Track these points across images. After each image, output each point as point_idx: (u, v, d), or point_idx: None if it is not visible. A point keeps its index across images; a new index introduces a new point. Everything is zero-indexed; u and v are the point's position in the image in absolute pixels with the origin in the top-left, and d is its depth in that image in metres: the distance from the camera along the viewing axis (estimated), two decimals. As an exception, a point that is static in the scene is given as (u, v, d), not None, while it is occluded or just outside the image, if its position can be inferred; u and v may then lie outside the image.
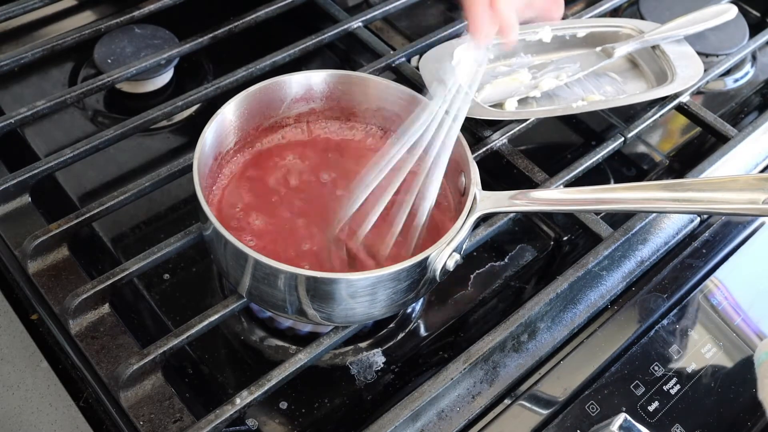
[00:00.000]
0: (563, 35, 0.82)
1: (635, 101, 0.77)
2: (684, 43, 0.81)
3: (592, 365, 0.61)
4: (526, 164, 0.72)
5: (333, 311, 0.55)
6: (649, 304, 0.65)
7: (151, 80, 0.82)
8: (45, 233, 0.61)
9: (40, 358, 0.58)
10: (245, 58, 0.78)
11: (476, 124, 0.73)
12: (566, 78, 0.79)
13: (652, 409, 0.60)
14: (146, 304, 0.67)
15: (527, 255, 0.74)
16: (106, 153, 0.71)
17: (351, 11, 0.87)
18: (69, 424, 0.55)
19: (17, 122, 0.70)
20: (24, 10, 0.83)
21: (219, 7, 0.87)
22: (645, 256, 0.67)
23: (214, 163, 0.61)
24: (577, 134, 0.87)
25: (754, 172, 0.76)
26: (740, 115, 0.90)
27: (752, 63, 0.95)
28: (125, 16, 0.82)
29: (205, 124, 0.59)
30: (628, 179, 0.82)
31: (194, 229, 0.62)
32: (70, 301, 0.57)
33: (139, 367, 0.54)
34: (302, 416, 0.62)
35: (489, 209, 0.58)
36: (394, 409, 0.55)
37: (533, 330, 0.62)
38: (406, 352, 0.66)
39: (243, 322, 0.66)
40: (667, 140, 0.88)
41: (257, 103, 0.63)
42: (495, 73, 0.79)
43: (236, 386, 0.61)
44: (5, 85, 0.82)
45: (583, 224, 0.67)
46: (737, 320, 0.66)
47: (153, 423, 0.54)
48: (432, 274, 0.55)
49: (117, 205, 0.64)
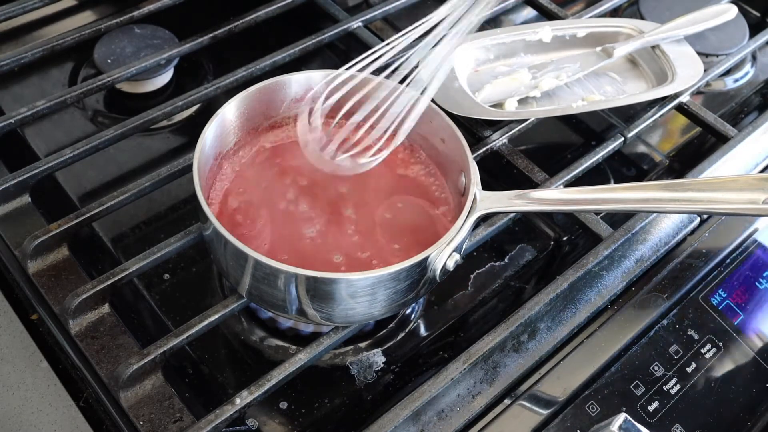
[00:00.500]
0: (563, 35, 0.82)
1: (635, 101, 0.77)
2: (684, 43, 0.81)
3: (592, 365, 0.61)
4: (526, 164, 0.72)
5: (333, 311, 0.55)
6: (649, 304, 0.65)
7: (151, 80, 0.82)
8: (45, 233, 0.61)
9: (40, 358, 0.58)
10: (245, 58, 0.78)
11: (476, 124, 0.73)
12: (566, 78, 0.79)
13: (652, 409, 0.60)
14: (146, 304, 0.67)
15: (527, 255, 0.74)
16: (106, 153, 0.71)
17: (351, 11, 0.87)
18: (69, 424, 0.55)
19: (17, 122, 0.70)
20: (24, 10, 0.83)
21: (219, 7, 0.87)
22: (645, 256, 0.67)
23: (215, 163, 0.61)
24: (577, 134, 0.87)
25: (754, 172, 0.76)
26: (740, 115, 0.90)
27: (752, 63, 0.95)
28: (125, 16, 0.82)
29: (205, 124, 0.59)
30: (628, 179, 0.82)
31: (194, 229, 0.62)
32: (70, 301, 0.57)
33: (139, 367, 0.54)
34: (302, 416, 0.62)
35: (489, 209, 0.58)
36: (394, 409, 0.55)
37: (533, 330, 0.62)
38: (406, 352, 0.66)
39: (243, 322, 0.66)
40: (667, 140, 0.88)
41: (258, 103, 0.63)
42: (495, 73, 0.79)
43: (236, 386, 0.61)
44: (5, 85, 0.82)
45: (583, 224, 0.67)
46: (737, 320, 0.66)
47: (153, 423, 0.54)
48: (432, 274, 0.55)
49: (117, 205, 0.64)
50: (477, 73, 0.79)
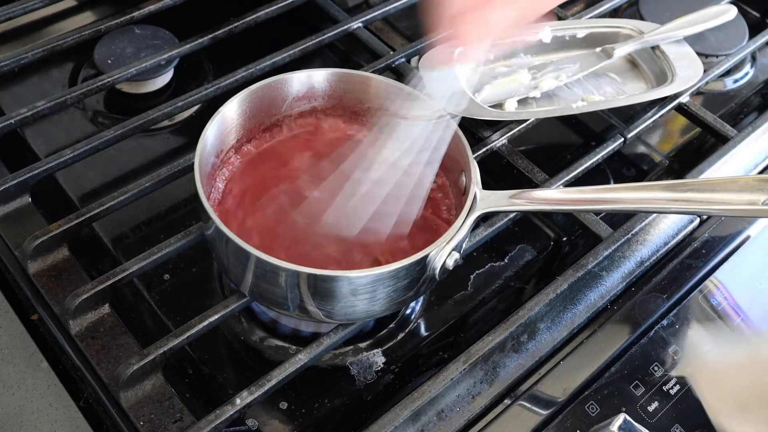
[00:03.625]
0: (563, 36, 0.82)
1: (635, 101, 0.77)
2: (684, 43, 0.82)
3: (592, 365, 0.61)
4: (526, 164, 0.72)
5: (333, 308, 0.55)
6: (648, 304, 0.65)
7: (151, 81, 0.82)
8: (45, 233, 0.61)
9: (40, 358, 0.58)
10: (245, 58, 0.78)
11: (476, 125, 0.73)
12: (566, 78, 0.79)
13: (652, 409, 0.60)
14: (146, 304, 0.67)
15: (527, 255, 0.74)
16: (107, 153, 0.71)
17: (351, 11, 0.87)
18: (69, 424, 0.55)
19: (17, 122, 0.70)
20: (24, 10, 0.83)
21: (219, 7, 0.87)
22: (645, 256, 0.67)
23: (216, 162, 0.61)
24: (576, 134, 0.87)
25: (754, 172, 0.76)
26: (740, 115, 0.90)
27: (752, 63, 0.95)
28: (125, 17, 0.82)
29: (205, 125, 0.59)
30: (628, 179, 0.82)
31: (194, 230, 0.62)
32: (71, 301, 0.57)
33: (139, 368, 0.54)
34: (302, 416, 0.62)
35: (489, 208, 0.58)
36: (394, 409, 0.55)
37: (533, 330, 0.62)
38: (406, 352, 0.66)
39: (243, 323, 0.66)
40: (666, 140, 0.88)
41: (259, 102, 0.63)
42: (495, 73, 0.79)
43: (236, 386, 0.61)
44: (5, 85, 0.82)
45: (583, 224, 0.67)
46: (737, 320, 0.66)
47: (153, 423, 0.54)
48: (431, 273, 0.55)
49: (117, 205, 0.64)
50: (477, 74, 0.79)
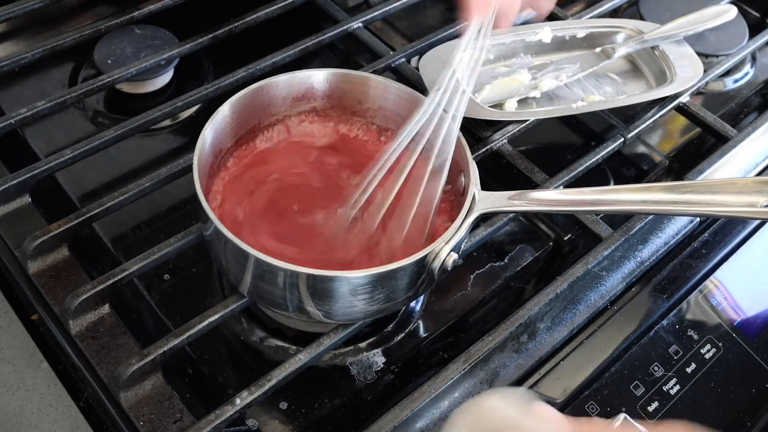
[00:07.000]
0: (563, 36, 0.82)
1: (635, 102, 0.77)
2: (684, 43, 0.81)
3: (592, 365, 0.61)
4: (526, 165, 0.72)
5: (332, 308, 0.55)
6: (648, 304, 0.65)
7: (151, 80, 0.82)
8: (45, 233, 0.61)
9: (40, 358, 0.58)
10: (245, 58, 0.78)
11: (476, 125, 0.73)
12: (566, 78, 0.79)
13: (652, 409, 0.60)
14: (146, 304, 0.67)
15: (527, 255, 0.74)
16: (106, 153, 0.71)
17: (351, 11, 0.87)
18: (69, 424, 0.55)
19: (17, 122, 0.70)
20: (24, 10, 0.83)
21: (219, 7, 0.87)
22: (645, 256, 0.68)
23: (215, 162, 0.61)
24: (576, 135, 0.87)
25: (754, 172, 0.76)
26: (740, 115, 0.90)
27: (752, 63, 0.95)
28: (125, 17, 0.82)
29: (204, 125, 0.59)
30: (627, 180, 0.82)
31: (194, 230, 0.62)
32: (71, 301, 0.57)
33: (139, 368, 0.54)
34: (302, 416, 0.62)
35: (488, 209, 0.58)
36: (394, 409, 0.55)
37: (533, 330, 0.62)
38: (406, 353, 0.66)
39: (243, 323, 0.66)
40: (666, 141, 0.88)
41: (258, 102, 0.63)
42: (495, 73, 0.79)
43: (236, 386, 0.61)
44: (5, 85, 0.82)
45: (583, 225, 0.67)
46: (737, 320, 0.66)
47: (153, 423, 0.54)
48: (430, 273, 0.55)
49: (117, 205, 0.64)
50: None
